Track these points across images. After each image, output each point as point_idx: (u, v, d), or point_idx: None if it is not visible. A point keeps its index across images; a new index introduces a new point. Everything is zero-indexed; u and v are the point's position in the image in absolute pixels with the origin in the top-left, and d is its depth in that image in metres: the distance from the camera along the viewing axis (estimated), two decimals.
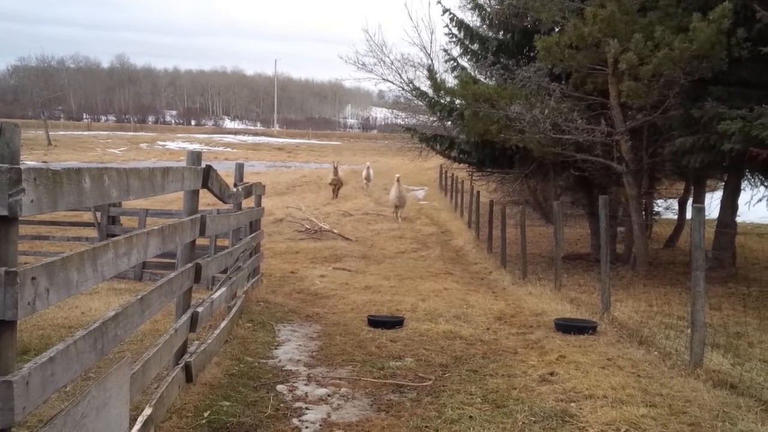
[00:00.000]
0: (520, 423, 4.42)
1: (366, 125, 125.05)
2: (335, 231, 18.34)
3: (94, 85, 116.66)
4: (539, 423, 4.44)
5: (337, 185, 26.30)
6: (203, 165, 5.04)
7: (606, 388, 5.05)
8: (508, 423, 4.42)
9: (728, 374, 5.51)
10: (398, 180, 21.15)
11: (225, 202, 6.71)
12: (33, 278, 2.20)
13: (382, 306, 8.91)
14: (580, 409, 4.67)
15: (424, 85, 19.20)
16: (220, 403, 4.65)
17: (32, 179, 2.21)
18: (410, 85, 21.75)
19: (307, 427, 4.41)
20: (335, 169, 26.33)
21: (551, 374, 5.58)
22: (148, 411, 3.83)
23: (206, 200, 8.25)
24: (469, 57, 17.39)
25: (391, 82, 25.00)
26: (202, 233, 4.99)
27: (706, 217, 14.66)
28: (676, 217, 17.87)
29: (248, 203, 9.37)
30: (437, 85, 16.73)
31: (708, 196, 16.71)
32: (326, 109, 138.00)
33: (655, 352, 6.38)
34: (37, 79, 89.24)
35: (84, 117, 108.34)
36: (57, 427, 2.26)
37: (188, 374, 4.78)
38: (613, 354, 6.24)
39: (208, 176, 4.99)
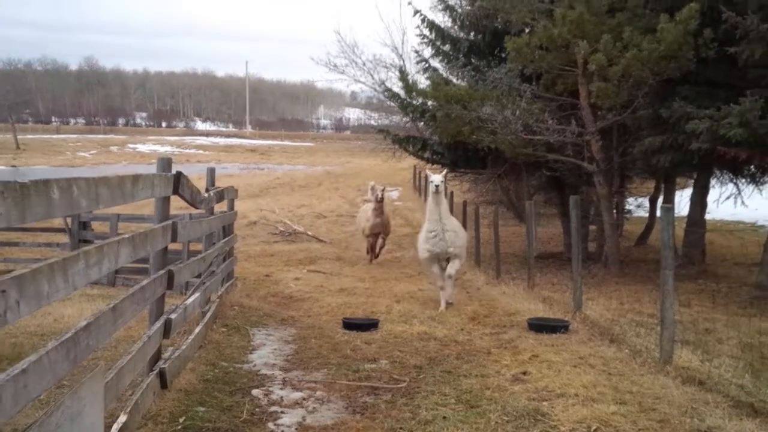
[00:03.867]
0: (493, 423, 4.48)
1: (339, 126, 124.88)
2: (309, 233, 18.33)
3: (63, 88, 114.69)
4: (512, 422, 4.50)
5: (381, 233, 14.10)
6: (174, 171, 5.02)
7: (577, 387, 5.14)
8: (482, 423, 4.48)
9: (697, 371, 5.63)
10: (437, 190, 9.13)
11: (196, 208, 6.67)
12: (2, 291, 2.18)
13: (357, 308, 8.93)
14: (552, 407, 4.74)
15: (397, 86, 19.25)
16: (196, 408, 4.64)
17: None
18: (382, 86, 21.85)
19: (282, 431, 4.42)
20: (379, 202, 13.62)
21: (524, 374, 5.66)
22: (123, 418, 3.81)
23: (180, 203, 8.22)
24: (440, 58, 17.51)
25: (363, 83, 25.04)
26: (173, 239, 4.96)
27: (677, 215, 15.05)
28: (647, 215, 18.17)
29: (221, 207, 9.33)
30: (409, 86, 16.78)
31: (678, 194, 17.03)
32: (299, 110, 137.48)
33: (626, 350, 6.49)
34: (3, 82, 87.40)
35: (53, 120, 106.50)
36: None
37: (163, 380, 4.75)
38: (584, 352, 6.34)
39: (178, 182, 4.97)
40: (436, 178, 9.11)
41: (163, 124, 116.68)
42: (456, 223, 9.80)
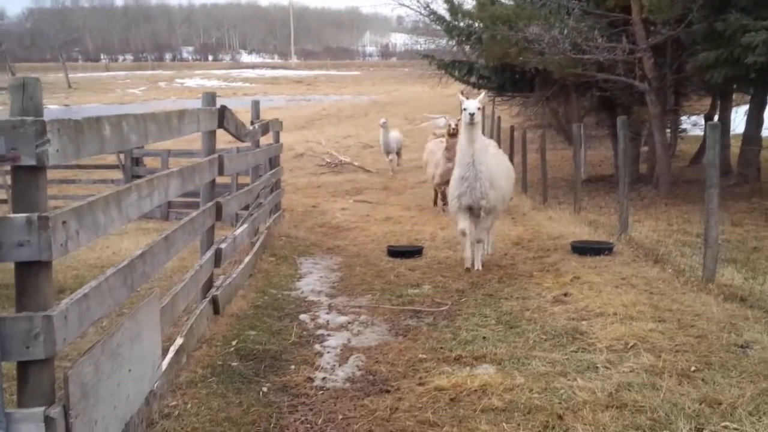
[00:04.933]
0: (531, 341, 4.63)
1: (385, 53, 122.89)
2: (356, 164, 18.46)
3: (110, 25, 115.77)
4: (550, 341, 4.64)
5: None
6: (218, 105, 5.16)
7: (617, 306, 5.21)
8: (520, 342, 4.63)
9: (739, 288, 5.62)
10: (472, 120, 6.81)
11: (242, 141, 6.85)
12: (63, 222, 2.38)
13: (401, 236, 9.09)
14: (591, 326, 4.85)
15: (442, 8, 18.67)
16: (247, 332, 4.93)
17: (56, 130, 2.35)
18: (427, 8, 21.23)
19: (328, 352, 4.68)
20: (452, 137, 10.22)
21: (565, 295, 5.75)
22: (179, 341, 4.10)
23: (228, 137, 8.42)
24: None
25: (408, 6, 24.32)
26: (220, 172, 5.16)
27: (733, 132, 14.38)
28: (702, 133, 17.54)
29: (267, 140, 9.50)
30: (454, 7, 16.37)
31: (735, 111, 16.36)
32: (344, 38, 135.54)
33: (670, 270, 6.48)
34: (53, 21, 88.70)
35: (101, 57, 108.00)
36: (95, 356, 2.49)
37: (215, 307, 5.04)
38: (627, 273, 6.38)
39: (223, 116, 5.11)
40: (471, 104, 6.79)
41: (210, 58, 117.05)
42: (498, 165, 7.37)
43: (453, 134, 10.22)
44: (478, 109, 6.84)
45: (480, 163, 6.87)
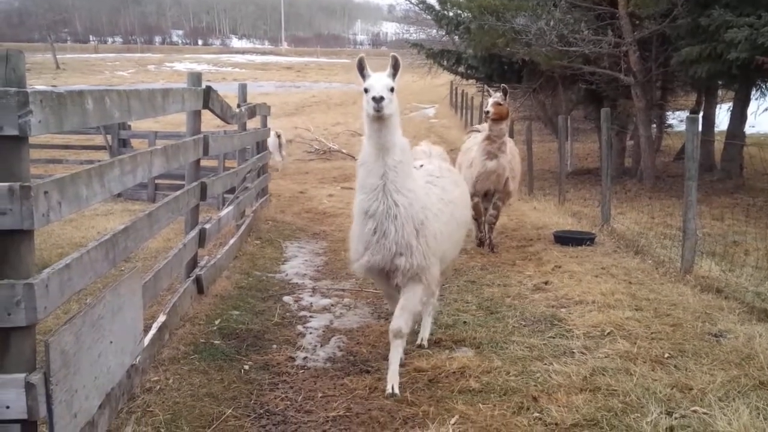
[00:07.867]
0: (511, 327, 4.70)
1: (376, 41, 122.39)
2: (344, 151, 18.45)
3: (99, 6, 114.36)
4: (529, 326, 4.72)
5: (494, 191, 7.43)
6: (204, 86, 5.16)
7: (596, 295, 5.30)
8: (499, 327, 4.70)
9: (716, 279, 5.73)
10: (379, 110, 3.75)
11: (228, 122, 6.85)
12: (45, 192, 2.40)
13: None
14: (569, 313, 4.93)
15: None
16: (230, 312, 4.96)
17: (38, 101, 2.37)
18: None
19: (310, 333, 4.73)
20: (494, 121, 7.14)
21: (545, 283, 5.83)
22: (162, 318, 4.13)
23: (216, 121, 8.35)
24: None
25: None
26: (205, 153, 5.16)
27: (718, 129, 14.51)
28: None
29: (255, 124, 9.48)
30: None
31: (719, 107, 16.51)
32: (335, 25, 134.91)
33: (650, 261, 6.58)
34: (41, 1, 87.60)
35: (90, 39, 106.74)
36: (76, 326, 2.52)
37: (199, 286, 5.07)
38: (607, 263, 6.47)
39: (208, 97, 5.11)
40: (376, 83, 3.90)
41: (200, 42, 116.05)
42: (440, 193, 4.25)
43: (496, 118, 7.23)
44: (391, 90, 3.87)
45: (396, 190, 3.78)
